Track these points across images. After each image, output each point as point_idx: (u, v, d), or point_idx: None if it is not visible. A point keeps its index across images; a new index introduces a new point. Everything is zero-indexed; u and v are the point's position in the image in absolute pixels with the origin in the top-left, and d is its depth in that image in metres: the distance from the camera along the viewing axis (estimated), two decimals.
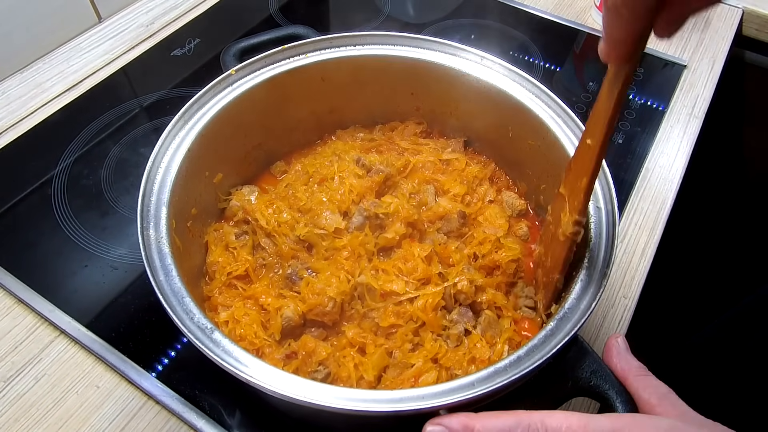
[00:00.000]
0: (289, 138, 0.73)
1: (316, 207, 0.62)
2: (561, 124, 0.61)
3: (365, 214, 0.61)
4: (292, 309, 0.56)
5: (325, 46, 0.68)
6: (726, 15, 1.08)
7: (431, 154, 0.72)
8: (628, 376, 0.44)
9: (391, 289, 0.55)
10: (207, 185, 0.63)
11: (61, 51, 0.96)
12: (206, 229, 0.64)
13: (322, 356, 0.53)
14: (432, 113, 0.75)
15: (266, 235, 0.62)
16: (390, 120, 0.77)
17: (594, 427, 0.37)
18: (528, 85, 0.65)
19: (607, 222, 0.53)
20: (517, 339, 0.57)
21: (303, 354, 0.54)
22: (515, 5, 1.09)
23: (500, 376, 0.43)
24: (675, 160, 0.85)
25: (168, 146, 0.58)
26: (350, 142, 0.74)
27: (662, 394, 0.42)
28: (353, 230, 0.60)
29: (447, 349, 0.54)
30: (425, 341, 0.54)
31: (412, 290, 0.56)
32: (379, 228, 0.61)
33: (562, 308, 0.48)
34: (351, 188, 0.63)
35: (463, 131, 0.75)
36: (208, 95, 0.62)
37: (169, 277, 0.49)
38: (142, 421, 0.58)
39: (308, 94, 0.70)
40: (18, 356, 0.62)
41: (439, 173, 0.70)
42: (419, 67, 0.69)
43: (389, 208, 0.62)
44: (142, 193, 0.53)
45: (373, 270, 0.58)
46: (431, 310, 0.55)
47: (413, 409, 0.41)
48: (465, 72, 0.67)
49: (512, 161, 0.72)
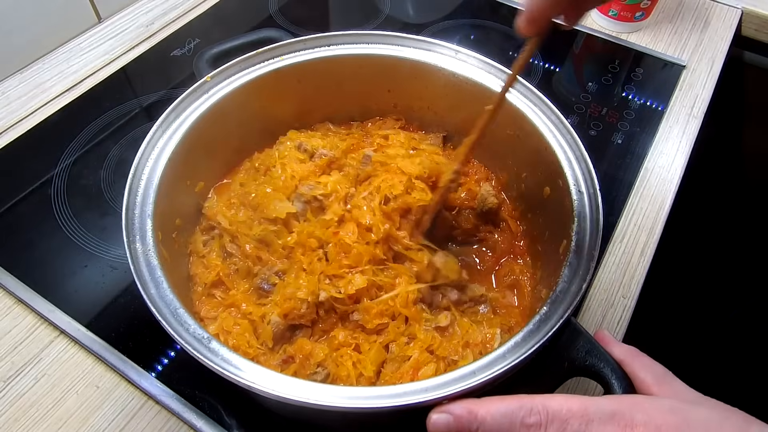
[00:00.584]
0: (267, 142, 0.73)
1: (263, 199, 0.61)
2: (538, 113, 0.62)
3: (302, 199, 0.60)
4: (277, 313, 0.55)
5: (300, 48, 0.68)
6: (725, 15, 1.08)
7: (405, 139, 0.71)
8: (625, 359, 0.45)
9: (355, 290, 0.55)
10: (189, 194, 0.63)
11: (61, 51, 0.96)
12: (190, 239, 0.64)
13: (320, 357, 0.53)
14: (410, 109, 0.75)
15: (231, 239, 0.62)
16: (368, 118, 0.77)
17: (594, 409, 0.37)
18: (503, 77, 0.65)
19: (590, 205, 0.54)
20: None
21: (300, 357, 0.54)
22: (515, 5, 1.09)
23: (500, 363, 0.44)
24: (674, 160, 0.85)
25: (148, 157, 0.57)
26: (301, 132, 0.72)
27: (659, 374, 0.43)
28: (301, 218, 0.60)
29: (440, 339, 0.54)
30: (417, 332, 0.55)
31: (375, 278, 0.56)
32: (320, 210, 0.60)
33: (553, 292, 0.49)
34: (293, 174, 0.62)
35: (442, 126, 0.75)
36: (185, 103, 0.62)
37: (160, 290, 0.49)
38: (141, 421, 0.58)
39: (285, 96, 0.70)
40: (18, 356, 0.62)
41: (400, 158, 0.66)
42: (394, 64, 0.69)
43: (326, 188, 0.60)
44: (126, 207, 0.53)
45: (326, 279, 0.56)
46: (412, 304, 0.55)
47: (417, 402, 0.41)
48: (440, 66, 0.68)
49: (492, 152, 0.72)
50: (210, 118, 0.63)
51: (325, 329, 0.57)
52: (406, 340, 0.54)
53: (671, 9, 1.10)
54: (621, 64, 0.99)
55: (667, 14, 1.09)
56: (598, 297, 0.69)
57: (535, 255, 0.65)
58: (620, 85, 0.95)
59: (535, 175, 0.64)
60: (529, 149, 0.63)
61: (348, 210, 0.60)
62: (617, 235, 0.76)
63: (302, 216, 0.60)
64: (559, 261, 0.53)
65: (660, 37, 1.04)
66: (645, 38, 1.04)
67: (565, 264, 0.51)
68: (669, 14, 1.09)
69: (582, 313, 0.68)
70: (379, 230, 0.57)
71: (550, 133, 0.60)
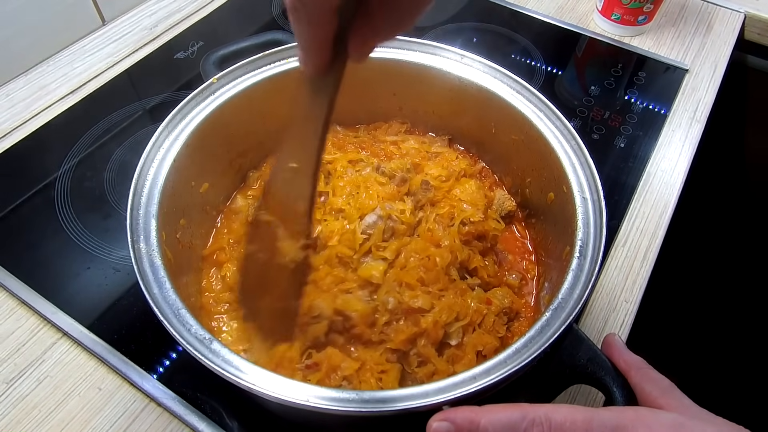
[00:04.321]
0: (272, 144, 0.73)
1: None
2: (543, 118, 0.62)
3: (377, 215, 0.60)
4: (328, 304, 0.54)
5: None
6: (728, 19, 1.08)
7: (416, 143, 0.72)
8: (631, 369, 0.44)
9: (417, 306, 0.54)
10: (194, 195, 0.63)
11: (65, 54, 0.96)
12: (195, 241, 0.63)
13: (348, 372, 0.52)
14: (415, 113, 0.76)
15: None
16: (374, 121, 0.78)
17: (598, 421, 0.37)
18: (508, 81, 0.65)
19: (594, 211, 0.54)
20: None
21: (327, 367, 0.53)
22: (517, 9, 1.09)
23: (500, 369, 0.43)
24: (677, 164, 0.85)
25: (153, 158, 0.58)
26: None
27: (664, 387, 0.42)
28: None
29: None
30: (430, 357, 0.54)
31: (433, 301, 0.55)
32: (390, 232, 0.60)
33: (555, 299, 0.49)
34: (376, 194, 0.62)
35: (447, 129, 0.76)
36: (191, 105, 0.62)
37: (163, 290, 0.49)
38: (143, 423, 0.58)
39: (291, 99, 0.69)
40: (20, 358, 0.62)
41: (425, 161, 0.70)
42: (400, 68, 0.70)
43: (405, 214, 0.60)
44: (130, 207, 0.53)
45: (397, 286, 0.56)
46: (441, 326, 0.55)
47: (417, 407, 0.41)
48: (446, 71, 0.68)
49: (497, 157, 0.72)
50: (216, 119, 0.63)
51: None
52: (417, 363, 0.54)
53: (674, 13, 1.10)
54: (623, 68, 0.99)
55: (670, 18, 1.09)
56: (601, 301, 0.69)
57: (538, 260, 0.65)
58: (623, 88, 0.95)
59: (539, 181, 0.64)
60: (533, 154, 0.63)
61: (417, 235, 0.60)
62: (620, 238, 0.75)
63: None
64: (562, 266, 0.53)
65: (663, 40, 1.04)
66: (648, 42, 1.04)
67: (568, 270, 0.50)
68: (672, 18, 1.09)
69: (584, 317, 0.68)
70: (456, 257, 0.58)
71: (555, 138, 0.60)
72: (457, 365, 0.54)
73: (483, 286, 0.60)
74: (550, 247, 0.62)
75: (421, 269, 0.56)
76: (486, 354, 0.55)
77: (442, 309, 0.54)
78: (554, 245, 0.60)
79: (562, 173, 0.58)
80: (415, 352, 0.54)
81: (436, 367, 0.54)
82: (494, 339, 0.56)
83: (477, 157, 0.75)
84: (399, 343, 0.54)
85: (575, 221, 0.54)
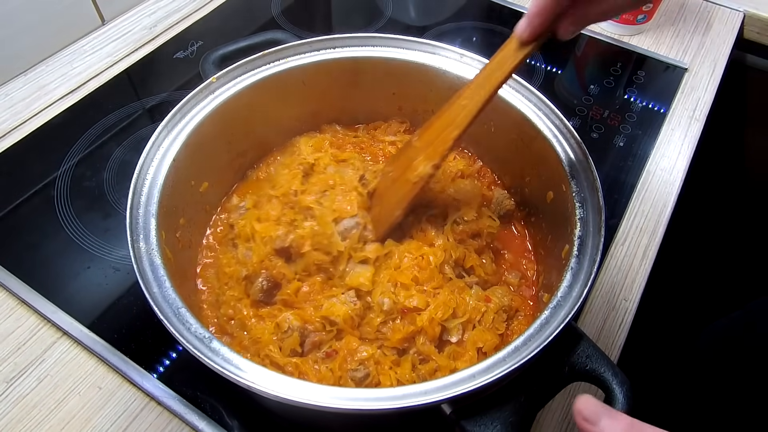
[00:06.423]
0: (272, 144, 0.73)
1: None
2: (542, 117, 0.62)
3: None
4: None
5: (305, 50, 0.68)
6: (727, 18, 1.08)
7: None
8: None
9: (413, 305, 0.55)
10: (193, 195, 0.63)
11: (65, 53, 0.96)
12: (195, 240, 0.63)
13: (364, 356, 0.53)
14: (414, 112, 0.75)
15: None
16: (373, 120, 0.78)
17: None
18: (508, 81, 0.65)
19: (593, 210, 0.54)
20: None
21: (345, 352, 0.54)
22: (517, 8, 1.09)
23: (500, 367, 0.44)
24: (676, 162, 0.85)
25: (153, 157, 0.58)
26: (311, 135, 0.73)
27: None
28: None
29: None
30: (431, 354, 0.55)
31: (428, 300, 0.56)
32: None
33: (555, 297, 0.49)
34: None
35: None
36: (191, 104, 0.62)
37: (163, 289, 0.49)
38: (143, 422, 0.58)
39: (291, 98, 0.70)
40: (21, 357, 0.62)
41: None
42: (399, 67, 0.70)
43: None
44: (130, 206, 0.53)
45: (392, 286, 0.56)
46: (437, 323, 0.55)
47: (416, 405, 0.41)
48: (445, 70, 0.68)
49: (496, 156, 0.72)
50: (215, 119, 0.63)
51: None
52: (419, 360, 0.55)
53: (673, 12, 1.10)
54: (623, 67, 0.99)
55: (669, 17, 1.09)
56: (600, 299, 0.69)
57: (538, 258, 0.65)
58: (622, 87, 0.95)
59: (538, 180, 0.64)
60: (532, 153, 0.63)
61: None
62: (619, 237, 0.76)
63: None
64: (561, 265, 0.53)
65: (662, 39, 1.04)
66: (647, 41, 1.04)
67: (567, 268, 0.51)
68: (671, 17, 1.09)
69: (583, 316, 0.68)
70: (450, 255, 0.58)
71: (554, 137, 0.60)
72: (459, 362, 0.54)
73: (481, 284, 0.60)
74: (549, 245, 0.62)
75: (415, 268, 0.56)
76: (486, 351, 0.55)
77: (437, 306, 0.55)
78: (553, 244, 0.60)
79: (562, 172, 0.58)
80: (416, 351, 0.55)
81: (438, 364, 0.54)
82: (494, 336, 0.56)
83: (476, 156, 0.75)
84: (396, 342, 0.54)
85: (574, 220, 0.54)
